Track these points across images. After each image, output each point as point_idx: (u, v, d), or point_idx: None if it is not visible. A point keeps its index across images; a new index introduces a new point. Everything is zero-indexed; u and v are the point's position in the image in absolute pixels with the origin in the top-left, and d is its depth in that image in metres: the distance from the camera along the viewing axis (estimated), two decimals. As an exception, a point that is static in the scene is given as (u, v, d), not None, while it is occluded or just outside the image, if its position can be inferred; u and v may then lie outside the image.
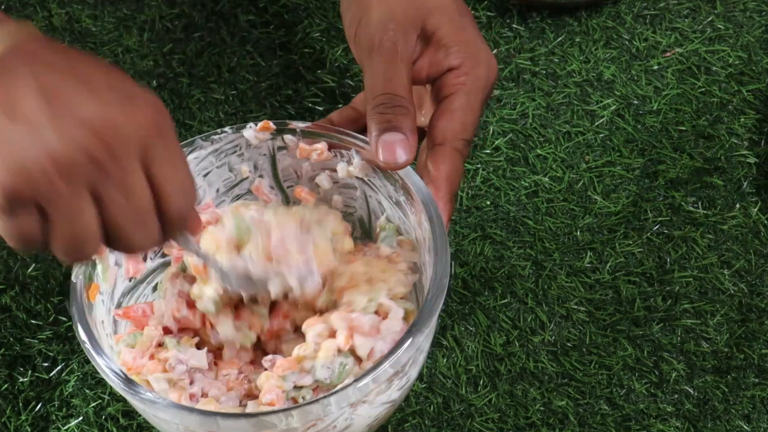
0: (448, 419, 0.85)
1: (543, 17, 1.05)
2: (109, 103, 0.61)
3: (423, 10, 0.79)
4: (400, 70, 0.77)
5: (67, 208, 0.61)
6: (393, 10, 0.79)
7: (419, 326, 0.70)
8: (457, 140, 0.77)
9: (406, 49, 0.78)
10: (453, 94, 0.79)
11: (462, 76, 0.79)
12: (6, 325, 0.89)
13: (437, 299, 0.71)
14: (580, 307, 0.89)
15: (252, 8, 1.06)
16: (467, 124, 0.78)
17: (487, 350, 0.88)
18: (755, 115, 0.99)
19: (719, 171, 0.96)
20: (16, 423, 0.85)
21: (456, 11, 0.80)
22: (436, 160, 0.77)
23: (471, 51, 0.80)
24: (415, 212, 0.77)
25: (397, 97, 0.76)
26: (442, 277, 0.72)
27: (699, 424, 0.84)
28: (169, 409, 0.69)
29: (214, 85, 1.01)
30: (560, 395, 0.86)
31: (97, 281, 0.75)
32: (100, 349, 0.71)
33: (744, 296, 0.90)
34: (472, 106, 0.79)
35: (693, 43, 1.03)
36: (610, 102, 1.00)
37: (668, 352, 0.87)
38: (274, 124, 0.80)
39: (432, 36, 0.79)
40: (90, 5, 1.06)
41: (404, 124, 0.76)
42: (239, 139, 0.80)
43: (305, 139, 0.80)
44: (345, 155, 0.80)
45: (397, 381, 0.72)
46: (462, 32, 0.80)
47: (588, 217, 0.94)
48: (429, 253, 0.75)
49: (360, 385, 0.68)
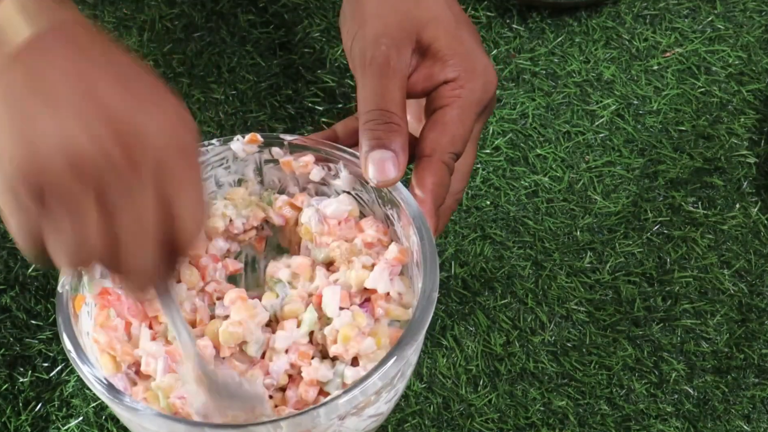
0: (448, 419, 0.85)
1: (543, 17, 1.05)
2: (140, 105, 0.60)
3: (418, 23, 0.78)
4: (393, 85, 0.76)
5: (72, 205, 0.60)
6: (387, 23, 0.78)
7: (408, 340, 0.70)
8: (445, 153, 0.76)
9: (399, 63, 0.77)
10: (447, 106, 0.77)
11: (457, 89, 0.77)
12: (6, 325, 0.89)
13: (425, 314, 0.71)
14: (580, 308, 0.89)
15: (252, 8, 1.06)
16: (457, 138, 0.77)
17: (487, 350, 0.88)
18: (755, 115, 0.99)
19: (719, 171, 0.96)
20: (16, 423, 0.85)
21: (453, 22, 0.79)
22: (422, 173, 0.76)
23: (468, 64, 0.78)
24: (403, 225, 0.76)
25: (387, 113, 0.75)
26: (431, 291, 0.72)
27: (699, 424, 0.84)
28: (155, 418, 0.68)
29: (214, 85, 1.01)
30: (560, 395, 0.86)
31: (83, 292, 0.75)
32: (85, 358, 0.70)
33: (744, 296, 0.90)
34: (464, 119, 0.77)
35: (693, 43, 1.03)
36: (610, 102, 1.00)
37: (668, 352, 0.87)
38: (261, 136, 0.79)
39: (428, 49, 0.78)
40: (90, 5, 1.06)
41: (394, 141, 0.75)
42: (226, 152, 0.79)
43: (293, 153, 0.79)
44: (332, 168, 0.79)
45: (386, 394, 0.72)
46: (459, 44, 0.78)
47: (588, 217, 0.94)
48: (417, 266, 0.74)
49: (349, 397, 0.68)
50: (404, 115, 0.76)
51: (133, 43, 1.04)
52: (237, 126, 0.99)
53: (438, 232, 0.78)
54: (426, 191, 0.76)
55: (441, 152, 0.76)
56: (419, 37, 0.78)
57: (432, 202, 0.76)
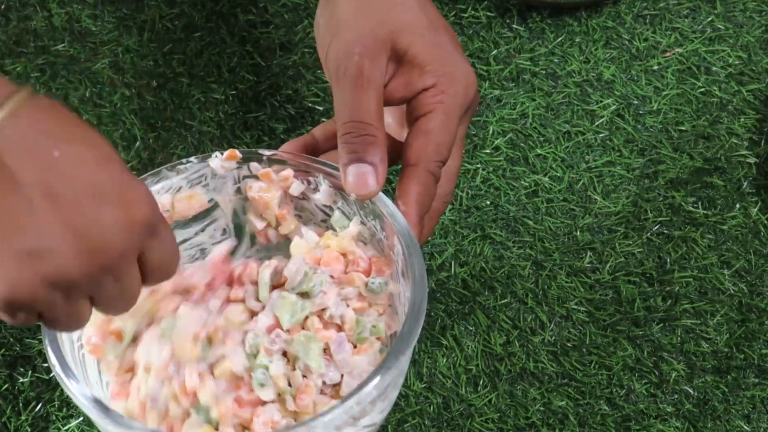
0: (448, 419, 0.85)
1: (543, 17, 1.05)
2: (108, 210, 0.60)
3: (392, 30, 0.76)
4: (367, 96, 0.75)
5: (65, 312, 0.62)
6: (361, 32, 0.76)
7: (401, 350, 0.70)
8: (431, 162, 0.75)
9: (373, 73, 0.75)
10: (430, 113, 0.76)
11: (438, 95, 0.76)
12: (6, 325, 0.89)
13: (415, 326, 0.70)
14: (580, 307, 0.89)
15: (252, 8, 1.06)
16: (442, 145, 0.76)
17: (487, 350, 0.88)
18: (755, 115, 0.99)
19: (719, 171, 0.96)
20: (16, 423, 0.85)
21: (428, 27, 0.77)
22: (407, 182, 0.75)
23: (446, 68, 0.77)
24: (387, 236, 0.76)
25: (363, 125, 0.74)
26: (421, 301, 0.71)
27: (699, 424, 0.84)
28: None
29: (214, 85, 1.01)
30: (560, 395, 0.86)
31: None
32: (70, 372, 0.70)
33: (744, 296, 0.90)
34: (448, 126, 0.76)
35: (693, 43, 1.03)
36: (610, 102, 1.00)
37: (668, 352, 0.87)
38: (240, 152, 0.78)
39: (404, 55, 0.77)
40: (90, 5, 1.06)
41: (371, 154, 0.74)
42: (205, 169, 0.78)
43: (272, 167, 0.78)
44: (312, 182, 0.78)
45: (380, 403, 0.71)
46: (436, 49, 0.77)
47: (588, 217, 0.94)
48: (402, 276, 0.74)
49: (345, 407, 0.68)
50: (381, 126, 0.75)
51: (133, 43, 1.04)
52: (237, 126, 0.99)
53: (424, 238, 0.77)
54: (410, 201, 0.75)
55: (427, 161, 0.75)
56: (394, 44, 0.76)
57: (417, 213, 0.75)
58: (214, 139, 0.98)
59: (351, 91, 0.75)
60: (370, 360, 0.75)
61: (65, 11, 1.06)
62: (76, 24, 1.05)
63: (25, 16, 1.05)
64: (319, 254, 0.76)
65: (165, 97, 1.01)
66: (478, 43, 1.03)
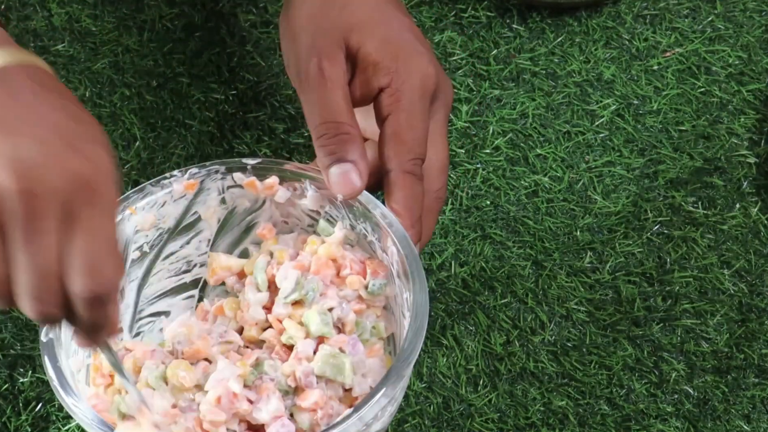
0: (448, 419, 0.85)
1: (543, 17, 1.05)
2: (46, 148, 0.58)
3: (344, 29, 0.76)
4: (333, 95, 0.74)
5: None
6: (315, 34, 0.76)
7: (406, 358, 0.69)
8: (406, 163, 0.74)
9: (334, 72, 0.75)
10: (390, 115, 0.75)
11: (395, 93, 0.75)
12: (6, 325, 0.89)
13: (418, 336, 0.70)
14: (580, 307, 0.89)
15: (252, 8, 1.06)
16: (413, 143, 0.75)
17: (487, 350, 0.88)
18: (755, 115, 0.99)
19: (719, 171, 0.96)
20: (17, 423, 0.85)
21: (380, 23, 0.77)
22: (390, 188, 0.74)
23: (399, 64, 0.75)
24: (381, 238, 0.75)
25: (336, 124, 0.74)
26: (423, 304, 0.71)
27: (699, 424, 0.84)
28: None
29: (214, 85, 1.01)
30: (560, 395, 0.86)
31: None
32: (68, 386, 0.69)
33: (744, 296, 0.90)
34: (413, 122, 0.75)
35: (693, 43, 1.03)
36: (610, 102, 1.00)
37: (668, 352, 0.87)
38: (221, 163, 0.78)
39: (356, 55, 0.76)
40: (90, 5, 1.06)
41: (350, 152, 0.73)
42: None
43: (257, 176, 0.78)
44: (298, 188, 0.78)
45: (390, 408, 0.71)
46: (387, 45, 0.76)
47: (588, 217, 0.94)
48: (400, 277, 0.74)
49: (360, 415, 0.68)
50: (354, 122, 0.74)
51: (133, 42, 1.04)
52: (237, 126, 0.99)
53: (425, 239, 0.77)
54: (399, 206, 0.74)
55: (401, 163, 0.74)
56: (347, 43, 0.76)
57: (409, 216, 0.74)
58: (214, 139, 0.98)
59: (317, 93, 0.75)
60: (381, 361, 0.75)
61: (65, 11, 1.06)
62: (76, 24, 1.05)
63: (25, 16, 1.05)
64: (307, 261, 0.76)
65: (165, 96, 1.01)
66: (478, 43, 1.03)
